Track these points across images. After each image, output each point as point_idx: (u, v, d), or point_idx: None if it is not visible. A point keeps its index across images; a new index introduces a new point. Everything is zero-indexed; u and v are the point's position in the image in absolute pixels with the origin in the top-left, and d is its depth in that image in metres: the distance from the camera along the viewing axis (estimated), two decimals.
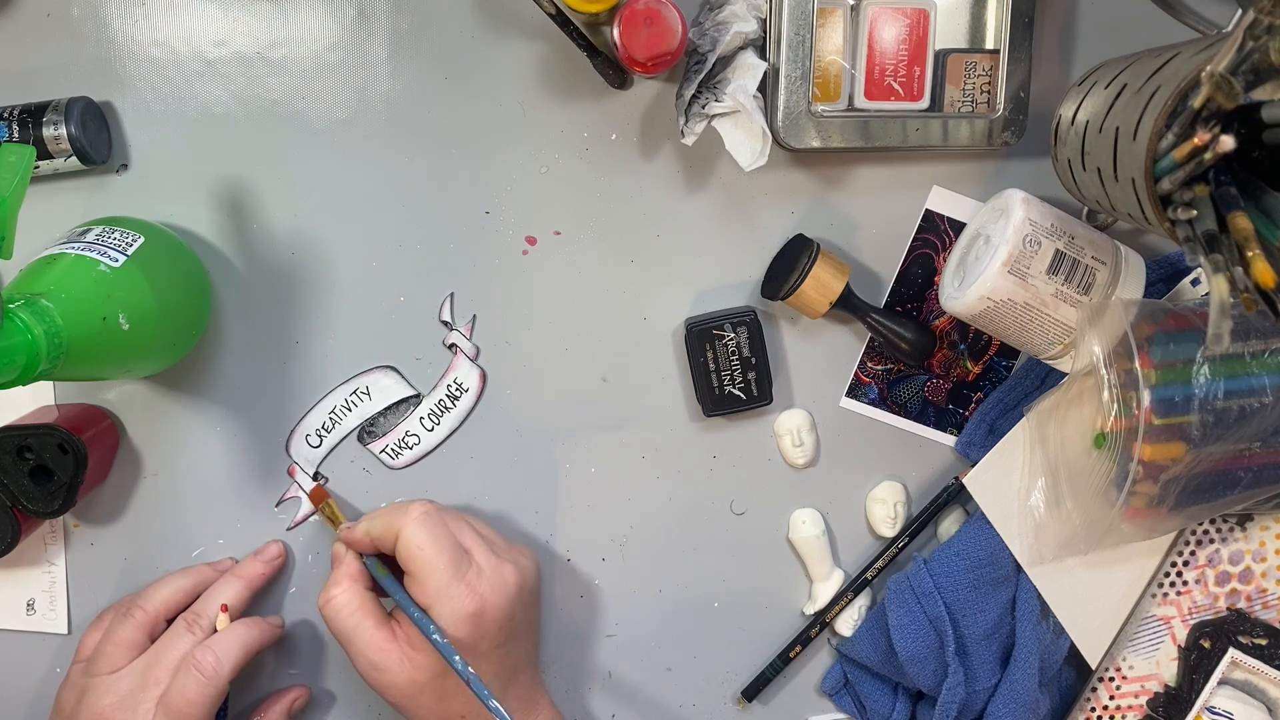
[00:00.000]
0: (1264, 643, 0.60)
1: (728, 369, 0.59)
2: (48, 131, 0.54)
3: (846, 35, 0.57)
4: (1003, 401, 0.62)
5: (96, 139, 0.56)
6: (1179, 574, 0.61)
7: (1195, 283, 0.60)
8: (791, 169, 0.60)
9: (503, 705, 0.49)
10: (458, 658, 0.50)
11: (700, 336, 0.59)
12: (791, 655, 0.63)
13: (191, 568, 0.60)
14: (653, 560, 0.63)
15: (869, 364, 0.62)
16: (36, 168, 0.55)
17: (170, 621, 0.57)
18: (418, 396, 0.61)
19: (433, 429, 0.61)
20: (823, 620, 0.63)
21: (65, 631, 0.61)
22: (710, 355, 0.59)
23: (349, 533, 0.56)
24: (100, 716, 0.53)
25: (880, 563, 0.62)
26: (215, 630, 0.55)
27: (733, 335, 0.59)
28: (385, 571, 0.55)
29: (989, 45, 0.57)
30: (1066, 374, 0.58)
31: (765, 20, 0.56)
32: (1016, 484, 0.60)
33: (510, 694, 0.55)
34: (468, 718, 0.54)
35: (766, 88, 0.56)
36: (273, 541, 0.61)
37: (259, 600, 0.60)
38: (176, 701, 0.52)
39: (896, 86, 0.57)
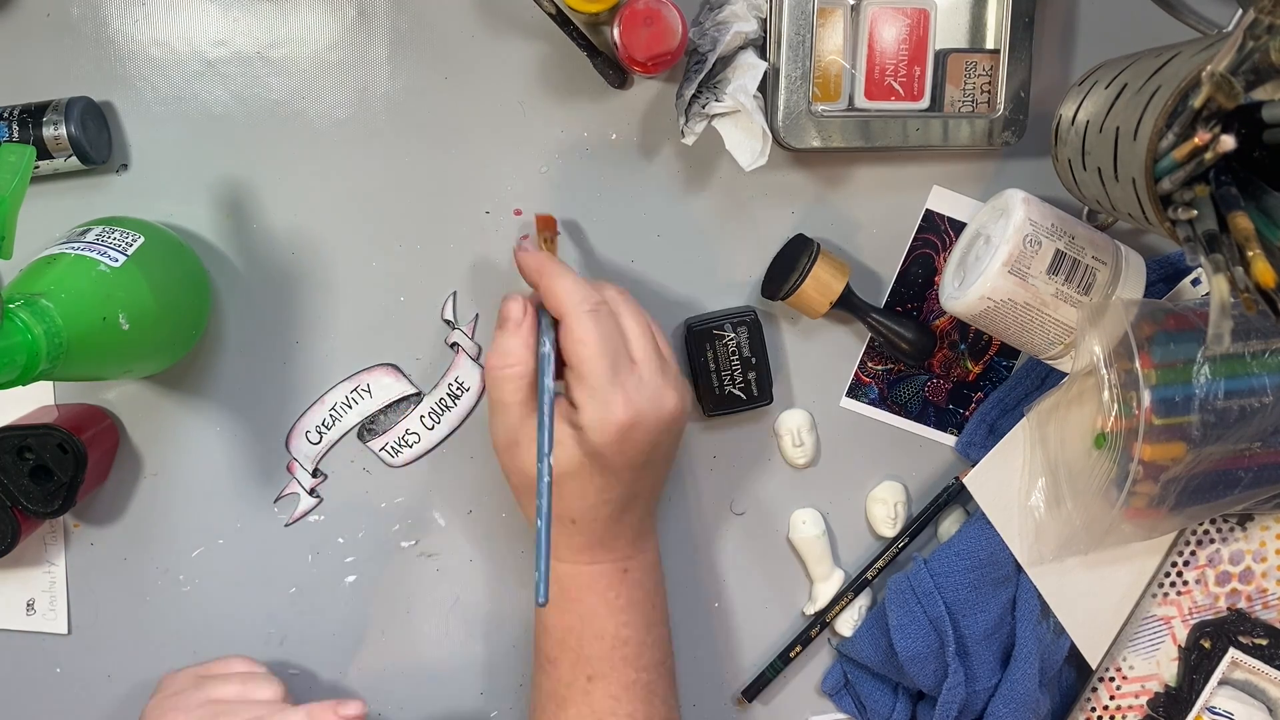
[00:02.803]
0: (1264, 643, 0.60)
1: (728, 369, 0.59)
2: (48, 131, 0.54)
3: (847, 35, 0.57)
4: (1003, 401, 0.62)
5: (96, 139, 0.56)
6: (1179, 574, 0.61)
7: (1195, 283, 0.60)
8: (791, 169, 0.60)
9: (607, 542, 0.50)
10: (547, 464, 0.47)
11: (700, 336, 0.59)
12: (791, 655, 0.63)
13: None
14: None
15: (869, 364, 0.62)
16: (36, 168, 0.55)
17: None
18: (418, 395, 0.61)
19: (433, 427, 0.61)
20: (823, 620, 0.63)
21: (65, 631, 0.61)
22: (710, 355, 0.59)
23: (524, 255, 0.52)
24: None
25: (880, 563, 0.62)
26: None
27: (733, 335, 0.59)
28: (551, 345, 0.50)
29: (989, 45, 0.57)
30: (1067, 374, 0.58)
31: (765, 20, 0.56)
32: (1017, 484, 0.60)
33: (624, 520, 0.53)
34: (578, 521, 0.52)
35: (766, 88, 0.56)
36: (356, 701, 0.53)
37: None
38: None
39: (897, 86, 0.57)
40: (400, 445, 0.61)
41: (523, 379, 0.51)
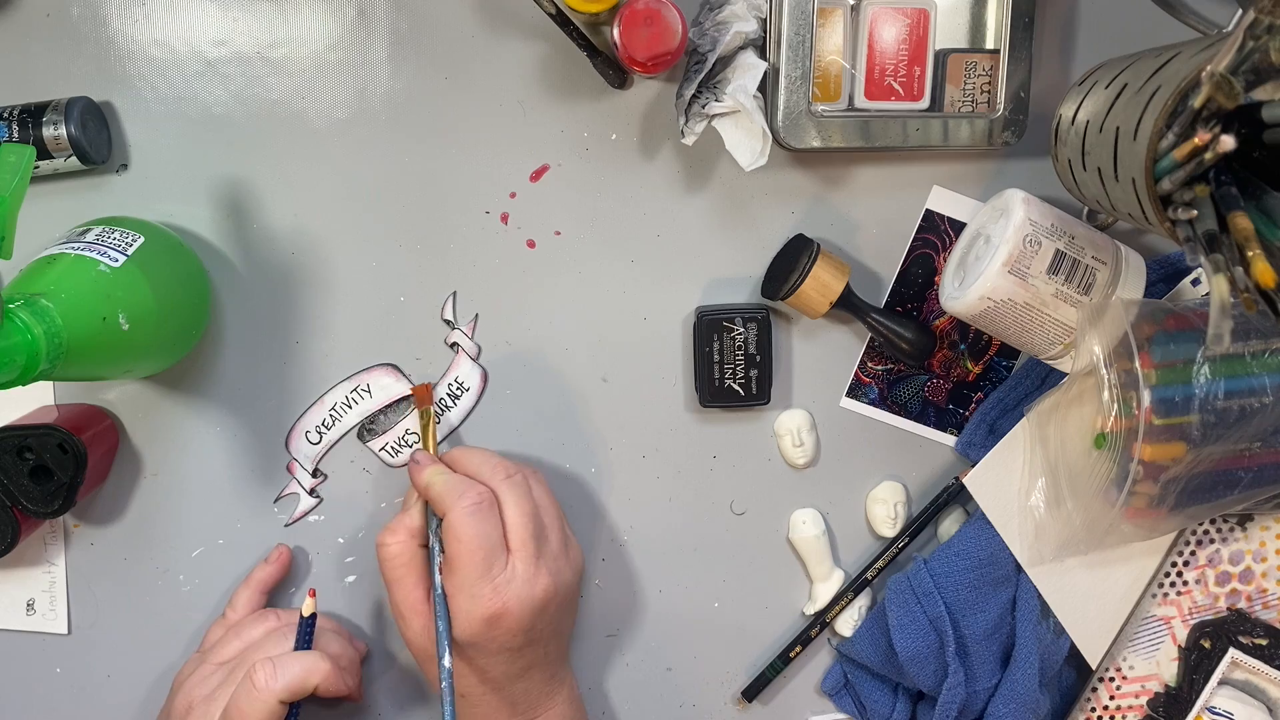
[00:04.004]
0: (1264, 643, 0.60)
1: (731, 362, 0.59)
2: (48, 131, 0.54)
3: (847, 35, 0.57)
4: (1003, 401, 0.62)
5: (96, 139, 0.56)
6: (1179, 574, 0.61)
7: (1195, 283, 0.60)
8: (791, 169, 0.60)
9: (508, 707, 0.53)
10: (446, 661, 0.51)
11: (710, 326, 0.59)
12: (791, 655, 0.63)
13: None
14: (653, 560, 0.63)
15: (869, 364, 0.62)
16: (36, 168, 0.55)
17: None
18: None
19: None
20: (823, 620, 0.63)
21: (65, 631, 0.61)
22: (716, 346, 0.59)
23: (416, 469, 0.56)
24: (187, 702, 0.54)
25: (880, 563, 0.62)
26: (301, 615, 0.55)
27: (742, 330, 0.59)
28: (438, 541, 0.55)
29: (989, 45, 0.57)
30: (1066, 374, 0.58)
31: (765, 20, 0.56)
32: (1017, 484, 0.60)
33: (518, 686, 0.55)
34: (468, 695, 0.55)
35: (766, 88, 0.56)
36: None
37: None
38: (230, 711, 0.52)
39: (897, 86, 0.57)
40: (400, 445, 0.61)
41: (397, 558, 0.55)
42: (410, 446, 0.61)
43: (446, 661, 0.51)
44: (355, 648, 0.60)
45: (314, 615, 0.55)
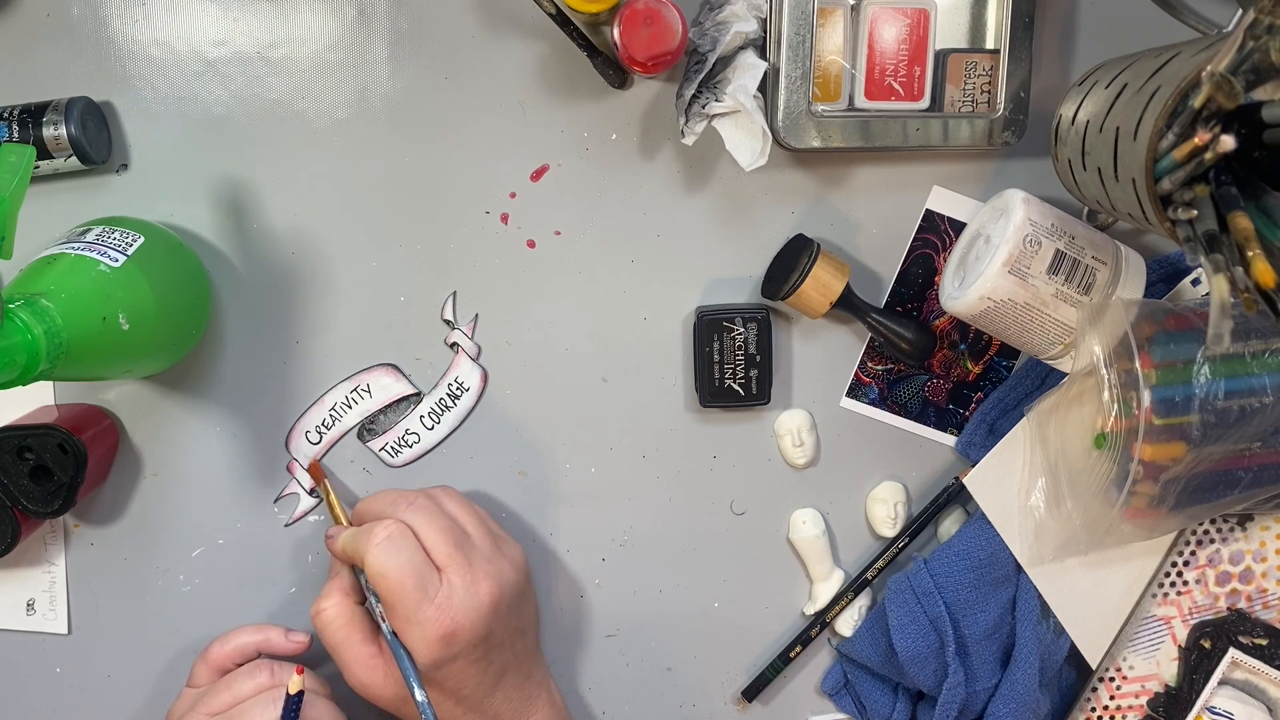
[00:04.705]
0: (1264, 643, 0.60)
1: (731, 362, 0.59)
2: (48, 131, 0.54)
3: (847, 35, 0.57)
4: (1003, 401, 0.62)
5: (96, 139, 0.56)
6: (1179, 574, 0.61)
7: (1195, 283, 0.60)
8: (791, 169, 0.60)
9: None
10: (419, 695, 0.51)
11: (710, 326, 0.59)
12: (791, 655, 0.63)
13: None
14: (653, 559, 0.63)
15: (869, 364, 0.62)
16: (36, 168, 0.55)
17: None
18: (418, 395, 0.61)
19: (433, 427, 0.61)
20: (823, 620, 0.63)
21: (65, 631, 0.61)
22: (716, 346, 0.59)
23: (331, 543, 0.56)
24: None
25: (880, 563, 0.62)
26: (287, 693, 0.53)
27: (742, 330, 0.59)
28: (372, 589, 0.54)
29: (989, 45, 0.57)
30: (1067, 374, 0.58)
31: (765, 20, 0.56)
32: (1017, 484, 0.60)
33: (496, 698, 0.55)
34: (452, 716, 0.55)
35: (766, 88, 0.56)
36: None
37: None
38: None
39: (897, 86, 0.57)
40: (400, 445, 0.61)
41: (337, 619, 0.54)
42: (410, 447, 0.61)
43: (419, 695, 0.51)
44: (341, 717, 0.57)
45: (301, 693, 0.53)
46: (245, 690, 0.55)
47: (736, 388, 0.60)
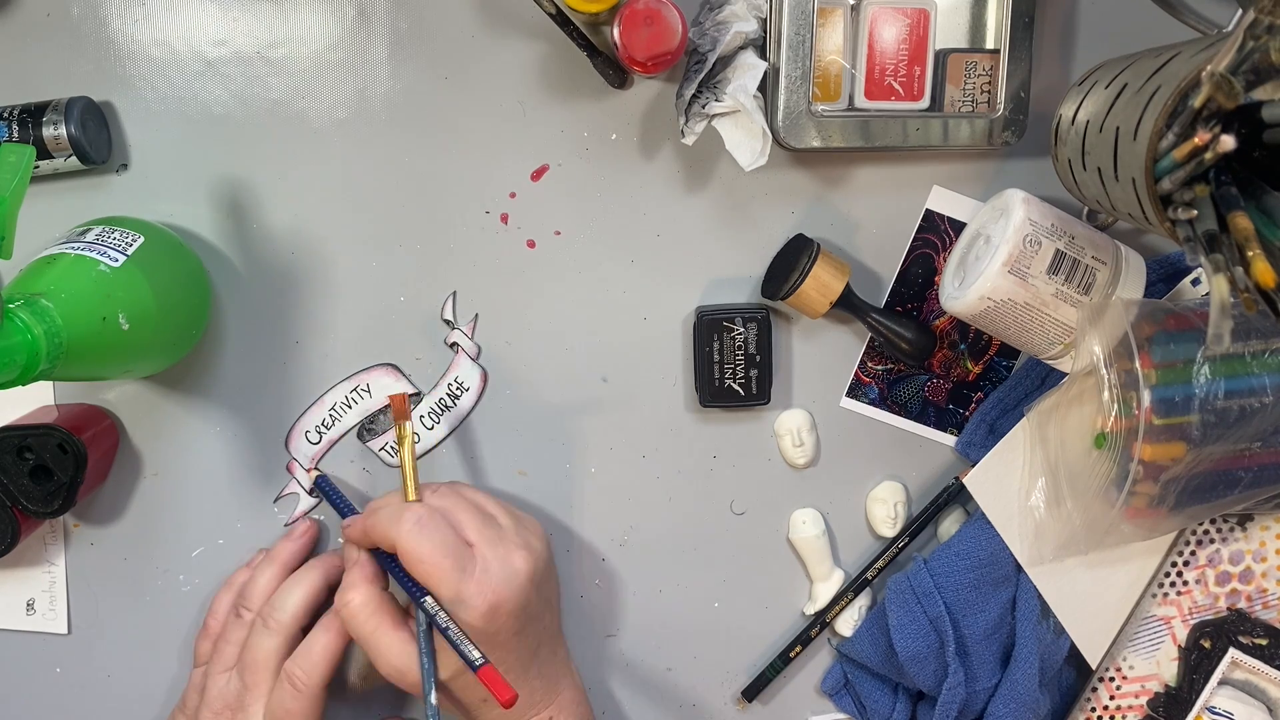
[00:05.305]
0: (1264, 643, 0.60)
1: (731, 362, 0.59)
2: (48, 131, 0.54)
3: (847, 35, 0.57)
4: (1003, 401, 0.62)
5: (96, 139, 0.56)
6: (1179, 574, 0.61)
7: (1195, 283, 0.60)
8: (791, 169, 0.60)
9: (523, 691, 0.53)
10: (432, 698, 0.51)
11: (710, 326, 0.59)
12: (791, 655, 0.63)
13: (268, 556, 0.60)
14: (653, 560, 0.63)
15: (869, 364, 0.62)
16: (36, 168, 0.55)
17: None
18: (418, 395, 0.61)
19: (432, 428, 0.61)
20: (823, 620, 0.63)
21: (65, 631, 0.61)
22: (716, 346, 0.59)
23: (349, 531, 0.56)
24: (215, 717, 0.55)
25: (880, 563, 0.62)
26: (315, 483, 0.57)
27: (742, 330, 0.59)
28: (399, 570, 0.54)
29: (989, 45, 0.57)
30: (1066, 374, 0.58)
31: (765, 20, 0.56)
32: (1017, 484, 0.60)
33: (532, 673, 0.55)
34: (487, 701, 0.54)
35: (766, 87, 0.56)
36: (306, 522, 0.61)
37: None
38: (277, 712, 0.53)
39: (897, 86, 0.57)
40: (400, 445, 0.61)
41: (365, 607, 0.53)
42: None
43: (433, 699, 0.51)
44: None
45: (323, 476, 0.59)
46: (241, 633, 0.56)
47: (736, 388, 0.60)
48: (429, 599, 0.52)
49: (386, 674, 0.53)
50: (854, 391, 0.62)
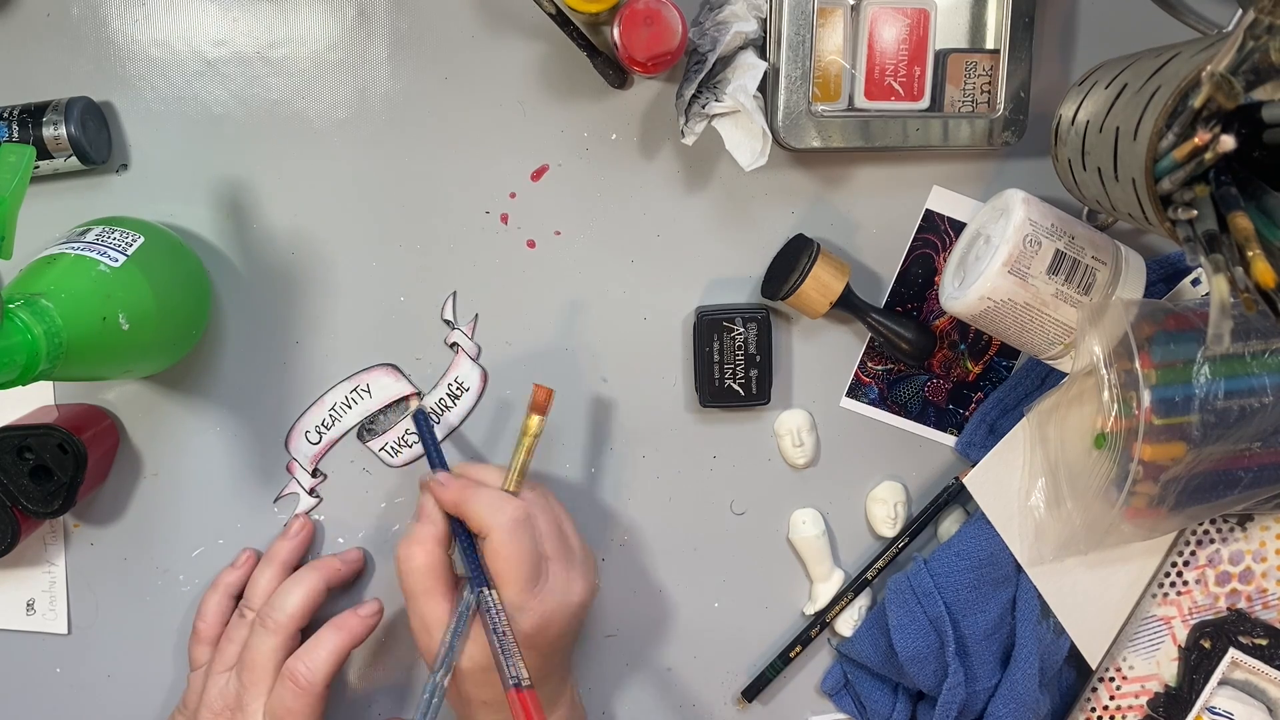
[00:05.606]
0: (1264, 643, 0.60)
1: (731, 362, 0.59)
2: (48, 131, 0.54)
3: (847, 35, 0.57)
4: (1003, 401, 0.62)
5: (96, 139, 0.56)
6: (1179, 574, 0.61)
7: (1195, 283, 0.60)
8: (791, 169, 0.60)
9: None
10: (440, 677, 0.51)
11: (710, 326, 0.59)
12: (791, 655, 0.63)
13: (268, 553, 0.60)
14: (653, 560, 0.63)
15: (869, 364, 0.62)
16: (36, 168, 0.55)
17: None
18: (418, 395, 0.61)
19: (433, 428, 0.61)
20: (823, 620, 0.63)
21: (65, 631, 0.61)
22: (716, 346, 0.59)
23: (443, 493, 0.54)
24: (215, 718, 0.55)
25: (880, 563, 0.62)
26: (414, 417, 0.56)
27: (742, 330, 0.59)
28: (474, 553, 0.54)
29: (989, 45, 0.57)
30: (1066, 374, 0.58)
31: (765, 20, 0.56)
32: (1016, 484, 0.60)
33: (539, 691, 0.54)
34: (490, 705, 0.54)
35: (766, 88, 0.56)
36: (300, 517, 0.61)
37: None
38: (278, 710, 0.54)
39: (896, 86, 0.57)
40: (400, 445, 0.61)
41: (425, 569, 0.53)
42: (410, 447, 0.61)
43: (441, 679, 0.51)
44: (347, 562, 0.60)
45: (422, 412, 0.59)
46: (243, 633, 0.57)
47: (736, 388, 0.60)
48: (494, 595, 0.52)
49: (414, 629, 0.54)
50: (854, 391, 0.62)
